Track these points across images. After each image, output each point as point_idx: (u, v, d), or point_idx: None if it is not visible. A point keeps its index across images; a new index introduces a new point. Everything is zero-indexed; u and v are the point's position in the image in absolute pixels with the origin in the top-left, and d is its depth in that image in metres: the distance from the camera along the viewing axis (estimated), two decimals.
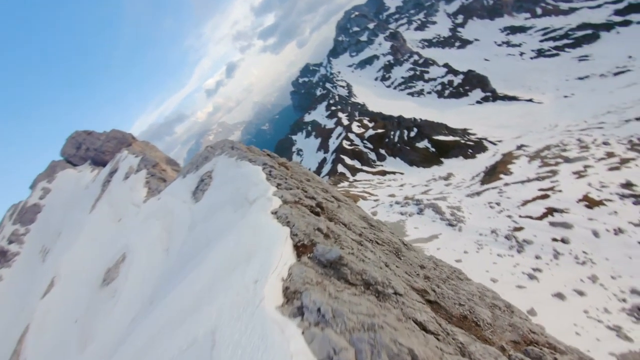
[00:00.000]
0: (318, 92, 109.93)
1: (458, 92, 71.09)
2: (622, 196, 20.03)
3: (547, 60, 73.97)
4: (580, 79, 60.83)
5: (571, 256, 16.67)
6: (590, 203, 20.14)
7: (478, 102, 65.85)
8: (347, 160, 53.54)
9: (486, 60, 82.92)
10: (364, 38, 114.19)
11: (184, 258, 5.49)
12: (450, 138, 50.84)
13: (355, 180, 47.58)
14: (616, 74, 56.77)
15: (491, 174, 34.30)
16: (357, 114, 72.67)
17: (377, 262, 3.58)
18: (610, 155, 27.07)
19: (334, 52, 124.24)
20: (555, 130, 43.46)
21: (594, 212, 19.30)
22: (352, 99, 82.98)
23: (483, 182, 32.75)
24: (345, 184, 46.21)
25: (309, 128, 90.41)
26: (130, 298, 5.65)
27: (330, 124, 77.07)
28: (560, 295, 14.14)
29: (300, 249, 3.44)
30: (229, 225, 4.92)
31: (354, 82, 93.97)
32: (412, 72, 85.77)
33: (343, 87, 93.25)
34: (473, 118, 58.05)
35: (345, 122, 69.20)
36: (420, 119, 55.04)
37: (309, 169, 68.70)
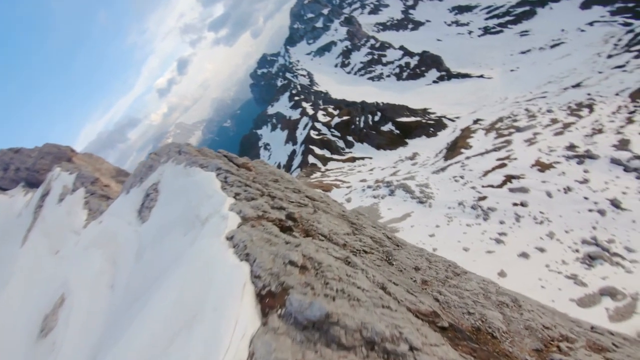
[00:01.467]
0: (279, 83, 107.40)
1: (415, 74, 73.23)
2: (568, 157, 21.99)
3: (493, 37, 78.49)
4: (523, 53, 65.48)
5: (530, 217, 18.05)
6: (542, 167, 21.87)
7: (434, 81, 68.44)
8: (317, 150, 53.31)
9: (439, 40, 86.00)
10: (319, 24, 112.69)
11: (132, 295, 4.52)
12: (412, 119, 52.50)
13: (327, 170, 47.67)
14: (552, 46, 61.85)
15: (452, 149, 36.04)
16: (321, 102, 72.26)
17: (374, 293, 2.69)
18: (554, 121, 29.55)
19: (291, 41, 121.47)
20: (506, 102, 46.54)
21: (546, 175, 20.99)
22: (315, 88, 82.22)
23: (446, 158, 34.34)
24: (318, 174, 46.12)
25: (274, 121, 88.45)
26: (72, 352, 4.57)
27: (295, 114, 75.94)
28: (524, 255, 15.30)
29: (267, 302, 2.42)
30: (175, 257, 3.97)
31: (315, 70, 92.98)
32: (370, 57, 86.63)
33: (304, 76, 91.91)
34: (431, 97, 60.31)
35: (311, 111, 68.56)
36: (383, 103, 56.07)
37: (279, 164, 66.79)
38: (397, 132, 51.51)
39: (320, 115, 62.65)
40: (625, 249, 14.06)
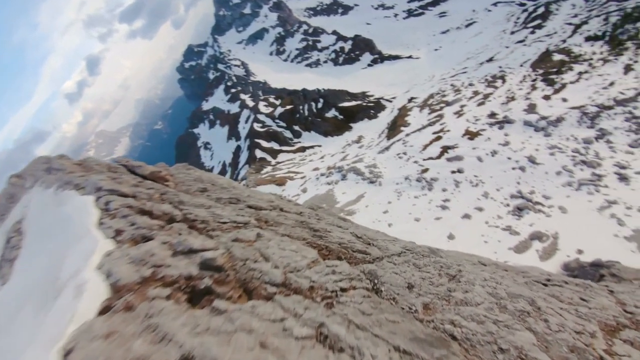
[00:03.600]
0: (211, 76, 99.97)
1: (351, 58, 74.79)
2: (490, 124, 24.61)
3: (416, 19, 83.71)
4: (443, 33, 71.25)
5: (467, 182, 19.87)
6: (471, 135, 24.15)
7: (369, 64, 70.81)
8: (264, 144, 51.50)
9: (368, 24, 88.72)
10: (247, 10, 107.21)
11: None
12: (354, 103, 53.79)
13: (279, 163, 46.53)
14: (467, 25, 68.44)
15: (393, 128, 37.91)
16: (261, 93, 69.61)
17: None
18: (476, 93, 32.81)
19: (218, 29, 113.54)
20: (433, 80, 50.32)
21: (475, 142, 23.23)
22: (252, 78, 78.75)
23: (388, 137, 36.02)
24: (269, 168, 44.77)
25: (211, 117, 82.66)
26: None
27: (234, 108, 72.00)
28: (467, 216, 16.82)
29: None
30: None
31: (249, 60, 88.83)
32: (305, 43, 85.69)
33: (238, 66, 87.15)
34: (368, 80, 62.39)
35: (251, 103, 65.65)
36: (324, 89, 56.22)
37: (224, 163, 62.74)
38: (341, 117, 52.37)
39: (261, 106, 60.43)
40: (544, 197, 16.33)
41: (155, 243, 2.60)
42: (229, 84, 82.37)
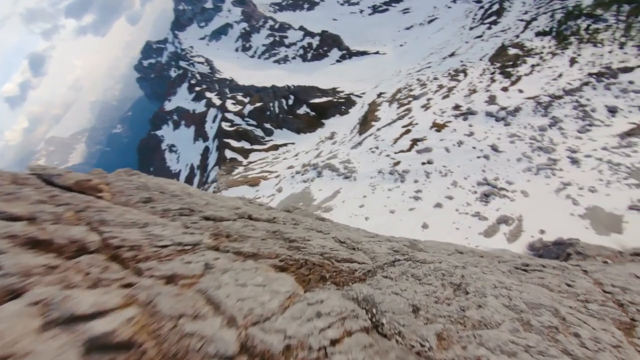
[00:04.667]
0: (173, 74, 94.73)
1: (319, 54, 74.61)
2: (455, 116, 25.65)
3: (381, 15, 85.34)
4: (407, 29, 73.31)
5: (437, 172, 20.56)
6: (438, 127, 25.02)
7: (338, 60, 71.11)
8: (234, 143, 49.80)
9: (335, 20, 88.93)
10: (209, 5, 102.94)
11: None
12: (324, 99, 53.75)
13: (251, 162, 45.25)
14: (429, 22, 70.97)
15: (364, 123, 38.40)
16: (227, 90, 67.30)
17: None
18: (440, 87, 34.08)
19: (178, 25, 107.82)
20: (400, 75, 51.63)
21: (442, 134, 24.10)
22: (218, 75, 75.86)
23: (360, 132, 36.43)
24: (241, 169, 43.40)
25: (175, 117, 78.43)
26: None
27: (199, 107, 68.89)
28: (439, 205, 17.39)
29: None
30: None
31: (214, 56, 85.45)
32: (271, 39, 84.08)
33: (202, 63, 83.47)
34: (337, 76, 62.64)
35: (217, 101, 63.21)
36: (294, 86, 55.56)
37: (192, 165, 59.56)
38: (313, 114, 52.11)
39: (229, 104, 58.41)
40: (507, 183, 17.32)
41: (18, 306, 1.39)
42: (192, 82, 78.64)
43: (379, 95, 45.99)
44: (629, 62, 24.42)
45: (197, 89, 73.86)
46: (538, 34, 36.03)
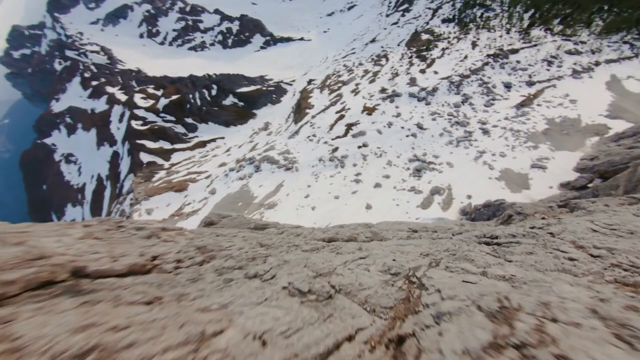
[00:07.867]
0: (58, 67, 77.22)
1: (241, 40, 70.15)
2: (383, 99, 26.79)
3: (302, 1, 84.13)
4: (329, 15, 73.98)
5: (373, 154, 21.21)
6: (369, 110, 25.79)
7: (262, 47, 68.05)
8: (150, 144, 42.97)
9: (254, 4, 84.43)
10: None
11: None
12: (252, 88, 50.99)
13: (174, 165, 40.14)
14: (349, 8, 72.74)
15: (298, 112, 37.66)
16: (134, 83, 58.18)
17: None
18: (366, 72, 35.25)
19: (58, 5, 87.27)
20: (327, 61, 52.01)
21: (373, 117, 24.92)
22: (119, 66, 64.92)
23: (295, 121, 35.60)
24: (162, 173, 38.16)
25: (68, 120, 63.14)
26: None
27: (99, 105, 57.09)
28: (378, 185, 17.92)
29: None
30: None
31: (112, 44, 72.82)
32: (183, 23, 75.51)
33: (97, 52, 69.97)
34: (264, 64, 60.04)
35: (122, 97, 53.62)
36: (216, 74, 51.18)
37: (98, 176, 50.20)
38: (242, 104, 49.04)
39: (138, 99, 50.35)
40: (434, 157, 18.77)
41: None
42: (86, 75, 64.89)
43: (310, 82, 45.60)
44: (514, 44, 28.81)
45: (94, 83, 61.42)
46: (444, 20, 39.93)
